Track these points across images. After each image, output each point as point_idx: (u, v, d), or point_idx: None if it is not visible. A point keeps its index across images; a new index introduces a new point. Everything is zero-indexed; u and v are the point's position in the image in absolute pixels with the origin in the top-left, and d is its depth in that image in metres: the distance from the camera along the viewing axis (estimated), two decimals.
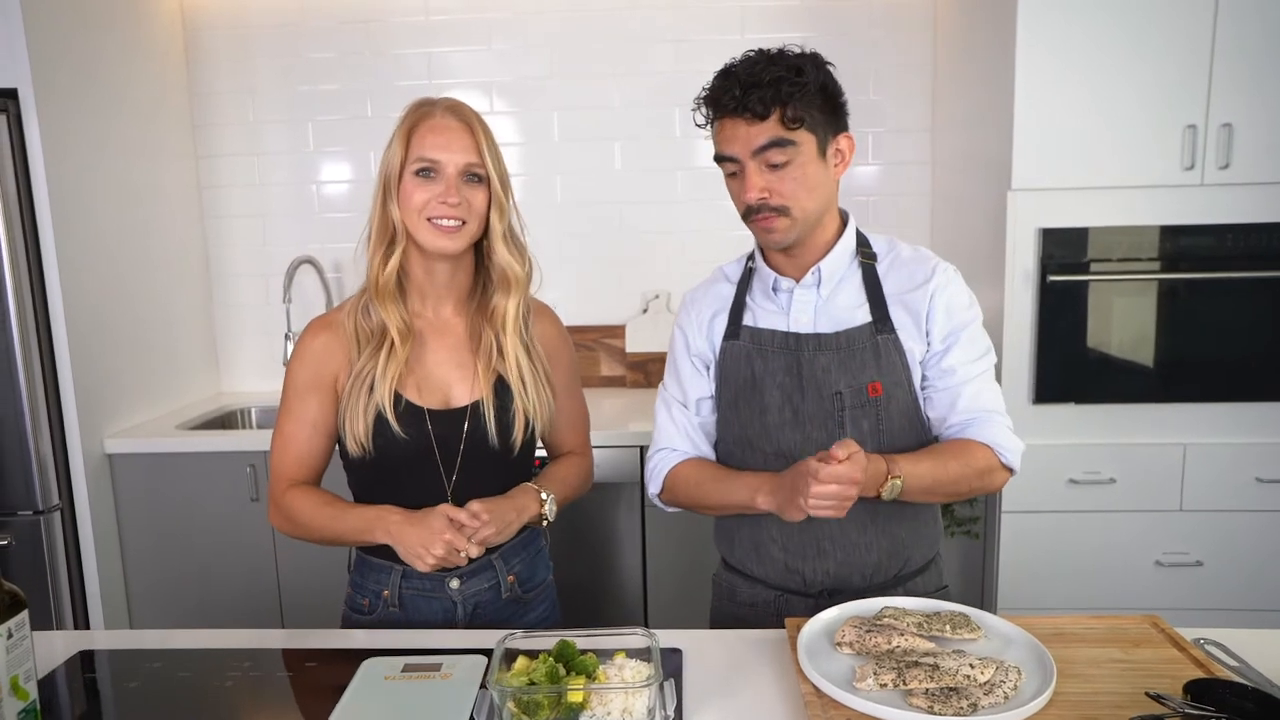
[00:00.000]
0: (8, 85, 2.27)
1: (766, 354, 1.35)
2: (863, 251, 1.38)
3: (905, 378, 1.32)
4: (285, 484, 1.37)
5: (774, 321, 1.37)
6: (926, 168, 2.93)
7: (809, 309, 1.35)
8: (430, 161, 1.29)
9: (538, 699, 0.99)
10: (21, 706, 0.97)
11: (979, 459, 1.29)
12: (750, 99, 1.20)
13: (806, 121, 1.23)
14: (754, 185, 1.24)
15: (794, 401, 1.33)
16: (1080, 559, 2.40)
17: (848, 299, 1.35)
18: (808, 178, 1.25)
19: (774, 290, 1.37)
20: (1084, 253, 2.27)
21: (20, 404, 2.32)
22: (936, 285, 1.33)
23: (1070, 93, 2.23)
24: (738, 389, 1.37)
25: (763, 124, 1.22)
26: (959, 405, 1.31)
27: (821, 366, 1.31)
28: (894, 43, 2.88)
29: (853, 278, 1.36)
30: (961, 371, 1.31)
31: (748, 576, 1.43)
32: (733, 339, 1.39)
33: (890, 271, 1.36)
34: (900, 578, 1.38)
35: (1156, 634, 1.17)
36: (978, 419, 1.31)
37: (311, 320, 1.41)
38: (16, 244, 2.29)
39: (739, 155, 1.24)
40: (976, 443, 1.30)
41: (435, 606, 1.38)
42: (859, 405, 1.31)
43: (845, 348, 1.31)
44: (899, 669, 1.02)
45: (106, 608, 2.51)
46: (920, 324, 1.32)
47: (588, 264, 3.03)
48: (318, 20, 2.94)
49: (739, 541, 1.43)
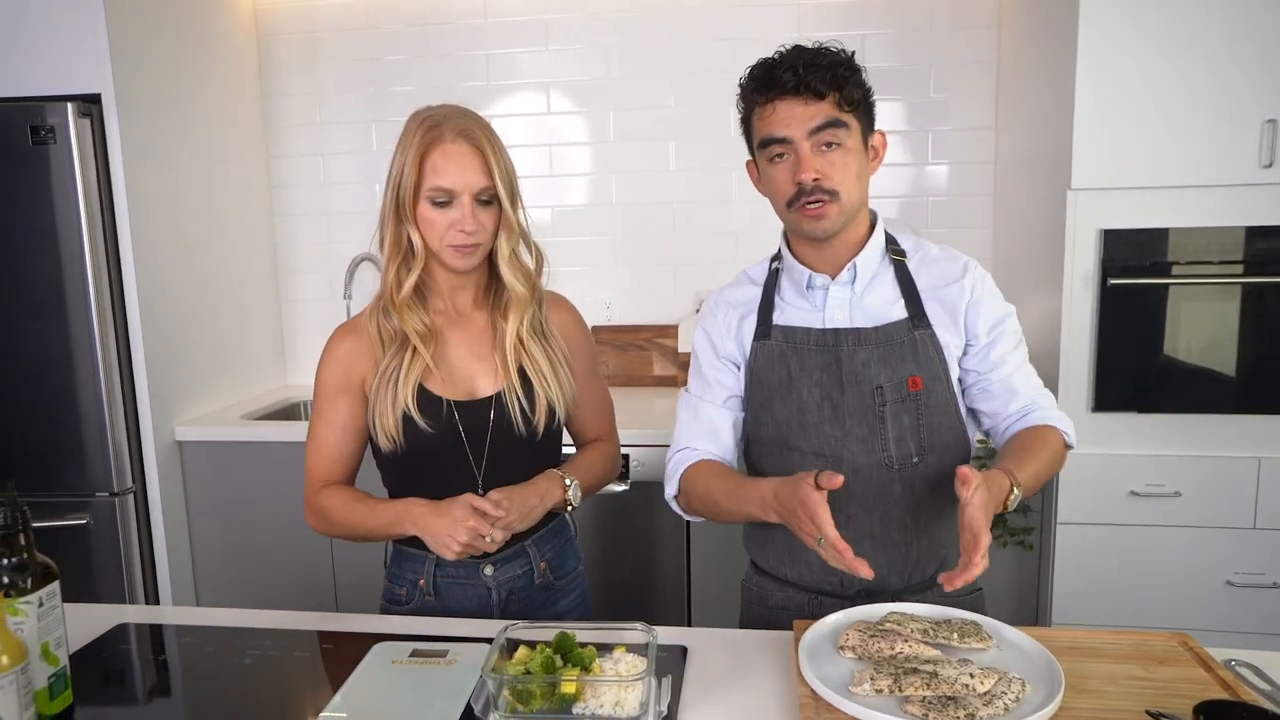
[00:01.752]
0: (92, 91, 2.41)
1: (802, 352, 1.34)
2: (892, 249, 1.37)
3: (943, 372, 1.31)
4: (319, 485, 1.42)
5: (807, 319, 1.35)
6: (989, 167, 2.85)
7: (844, 305, 1.34)
8: (446, 191, 1.31)
9: (530, 688, 1.01)
10: (52, 671, 1.04)
11: (1056, 442, 1.31)
12: (811, 77, 1.21)
13: (859, 106, 1.25)
14: (810, 165, 1.23)
15: (833, 398, 1.31)
16: (1142, 575, 2.29)
17: (881, 295, 1.34)
18: (855, 164, 1.26)
19: (807, 288, 1.36)
20: (1148, 255, 2.18)
21: (99, 392, 2.46)
22: (974, 280, 1.34)
23: (1135, 87, 2.14)
24: (772, 389, 1.36)
25: (820, 103, 1.22)
26: (1018, 394, 1.33)
27: (861, 361, 1.30)
28: (957, 39, 2.81)
29: (885, 274, 1.35)
30: (1011, 362, 1.33)
31: (780, 580, 1.41)
32: (764, 339, 1.37)
33: (921, 268, 1.36)
34: (934, 578, 1.33)
35: (1184, 653, 1.12)
36: (1036, 404, 1.33)
37: (337, 327, 1.45)
38: (97, 242, 2.43)
39: (793, 136, 1.24)
40: (1047, 427, 1.31)
41: (470, 594, 1.42)
42: (899, 400, 1.30)
43: (884, 343, 1.31)
44: (896, 675, 1.00)
45: (175, 588, 2.64)
46: (958, 319, 1.32)
47: (642, 263, 3.05)
48: (383, 25, 3.02)
49: (772, 545, 1.41)
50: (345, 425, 1.41)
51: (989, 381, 1.33)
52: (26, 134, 2.38)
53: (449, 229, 1.32)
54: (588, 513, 2.51)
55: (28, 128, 2.37)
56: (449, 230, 1.32)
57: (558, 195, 3.06)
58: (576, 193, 3.05)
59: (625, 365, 3.05)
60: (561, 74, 2.99)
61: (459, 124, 1.33)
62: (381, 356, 1.38)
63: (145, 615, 1.35)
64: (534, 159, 3.04)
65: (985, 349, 1.33)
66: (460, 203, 1.31)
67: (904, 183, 2.91)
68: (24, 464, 2.51)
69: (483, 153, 1.33)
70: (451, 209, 1.32)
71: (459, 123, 1.33)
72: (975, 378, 1.35)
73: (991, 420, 1.36)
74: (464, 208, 1.31)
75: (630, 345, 3.04)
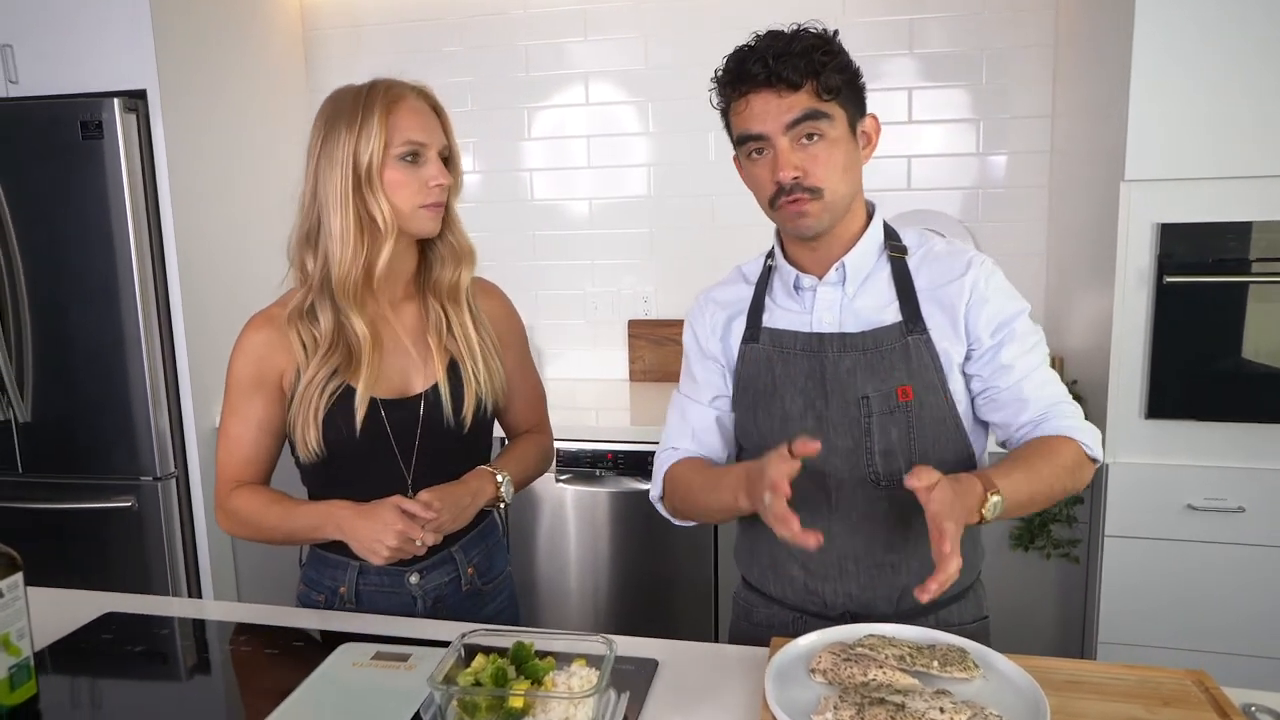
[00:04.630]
0: (138, 87, 2.48)
1: (788, 357, 1.26)
2: (891, 245, 1.27)
3: (938, 381, 1.21)
4: (231, 485, 1.35)
5: (796, 322, 1.27)
6: (1045, 157, 2.69)
7: (833, 308, 1.25)
8: (418, 144, 1.27)
9: (475, 700, 0.98)
10: (13, 662, 1.05)
11: (1066, 455, 1.17)
12: (783, 67, 1.13)
13: (840, 94, 1.16)
14: (788, 162, 1.14)
15: (817, 407, 1.23)
16: (1197, 595, 2.14)
17: (875, 296, 1.24)
18: (841, 156, 1.17)
19: (796, 288, 1.28)
20: (1209, 251, 2.02)
21: (143, 378, 2.54)
22: (975, 277, 1.22)
23: (1194, 69, 1.98)
24: (757, 395, 1.29)
25: (796, 94, 1.14)
26: (1029, 402, 1.20)
27: (846, 369, 1.22)
28: (1012, 23, 2.66)
29: (880, 273, 1.25)
30: (1021, 366, 1.20)
31: (765, 595, 1.34)
32: (752, 342, 1.30)
33: (923, 266, 1.25)
34: (932, 605, 1.25)
35: (1198, 694, 1.01)
36: (1050, 413, 1.20)
37: (253, 315, 1.37)
38: (142, 235, 2.50)
39: (769, 132, 1.15)
40: (1057, 438, 1.18)
41: (394, 602, 1.36)
42: (887, 411, 1.20)
43: (872, 349, 1.21)
44: (860, 705, 0.93)
45: (216, 576, 2.70)
46: (958, 322, 1.21)
47: (680, 257, 2.99)
48: (426, 18, 3.03)
49: (757, 557, 1.35)
50: (260, 422, 1.33)
51: (996, 389, 1.22)
52: (77, 129, 2.46)
53: (421, 187, 1.27)
54: (609, 512, 2.48)
55: (78, 123, 2.45)
56: (421, 189, 1.27)
57: (596, 187, 3.02)
58: (614, 185, 3.01)
59: (661, 360, 3.00)
60: (600, 65, 2.94)
61: (413, 85, 1.31)
62: (305, 361, 1.30)
63: (137, 605, 1.36)
64: (572, 151, 3.01)
65: (990, 352, 1.21)
66: (430, 157, 1.28)
67: (947, 173, 2.77)
68: (76, 446, 2.61)
69: (439, 113, 1.32)
70: (422, 166, 1.28)
71: (416, 84, 1.32)
72: (981, 384, 1.23)
73: (1003, 432, 1.25)
74: (435, 162, 1.28)
75: (667, 340, 2.99)
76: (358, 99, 1.28)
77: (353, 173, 1.25)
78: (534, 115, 3.02)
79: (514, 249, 3.10)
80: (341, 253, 1.27)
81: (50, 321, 2.56)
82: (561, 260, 3.09)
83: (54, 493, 2.63)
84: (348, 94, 1.30)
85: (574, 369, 3.14)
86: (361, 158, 1.25)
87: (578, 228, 3.06)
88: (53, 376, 2.58)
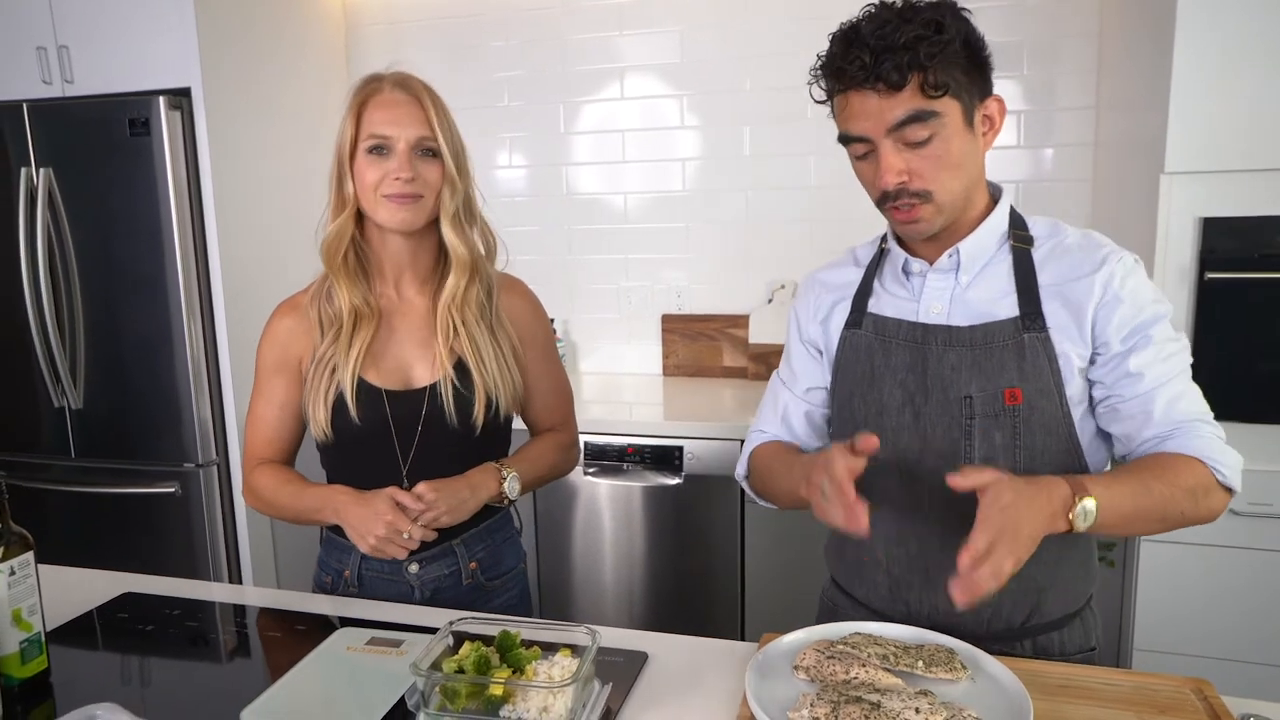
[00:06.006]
0: (182, 85, 2.55)
1: (889, 346, 1.17)
2: (1016, 234, 1.16)
3: (1054, 385, 1.10)
4: (255, 462, 1.42)
5: (902, 310, 1.19)
6: (1089, 150, 2.61)
7: (943, 297, 1.15)
8: (381, 138, 1.29)
9: (456, 687, 0.99)
10: (24, 636, 1.09)
11: (1188, 476, 1.04)
12: (883, 67, 1.02)
13: (950, 87, 1.03)
14: (891, 167, 1.06)
15: (916, 403, 1.14)
16: (1239, 603, 2.05)
17: (991, 288, 1.14)
18: (952, 154, 1.06)
19: (905, 273, 1.19)
20: (1254, 246, 1.94)
21: (186, 368, 2.62)
22: (1110, 275, 1.10)
23: (1240, 55, 1.90)
24: (854, 384, 1.21)
25: (899, 95, 1.03)
26: (1155, 416, 1.07)
27: (950, 365, 1.12)
28: (1055, 14, 2.58)
29: (1000, 263, 1.15)
30: (1152, 375, 1.08)
31: (852, 598, 1.26)
32: (854, 328, 1.22)
33: (1050, 259, 1.14)
34: (1029, 629, 1.15)
35: (1195, 701, 0.98)
36: (1180, 429, 1.07)
37: (280, 302, 1.44)
38: (185, 230, 2.58)
39: (871, 134, 1.06)
40: (1184, 456, 1.05)
41: (393, 590, 1.39)
42: (991, 414, 1.10)
43: (981, 345, 1.11)
44: (836, 703, 0.92)
45: (256, 563, 2.78)
46: (1084, 323, 1.10)
47: (714, 252, 2.97)
48: (467, 13, 3.06)
49: (845, 556, 1.28)
50: (283, 403, 1.40)
51: (1120, 399, 1.09)
52: (125, 127, 2.55)
53: (384, 179, 1.29)
54: (637, 505, 2.48)
55: (126, 121, 2.54)
56: (383, 180, 1.29)
57: (630, 181, 3.02)
58: (648, 179, 3.00)
59: (694, 355, 2.99)
60: (634, 59, 2.94)
61: (396, 76, 1.33)
62: (319, 341, 1.36)
63: (154, 586, 1.41)
64: (607, 145, 3.01)
65: (1119, 358, 1.09)
66: (396, 150, 1.29)
67: (998, 168, 2.70)
68: (124, 433, 2.71)
69: (421, 102, 1.31)
70: (388, 158, 1.29)
71: (398, 75, 1.33)
72: (1104, 392, 1.11)
73: (1123, 447, 1.13)
74: (400, 156, 1.29)
75: (700, 335, 2.98)
76: (352, 89, 1.34)
77: (337, 160, 1.33)
78: (570, 110, 3.03)
79: (551, 243, 3.12)
80: (328, 222, 1.36)
81: (100, 313, 2.66)
82: (597, 254, 3.09)
83: (103, 477, 2.73)
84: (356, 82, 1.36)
85: (609, 363, 3.15)
86: (342, 145, 1.32)
87: (613, 222, 3.06)
88: (103, 366, 2.69)
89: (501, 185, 3.12)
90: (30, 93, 2.66)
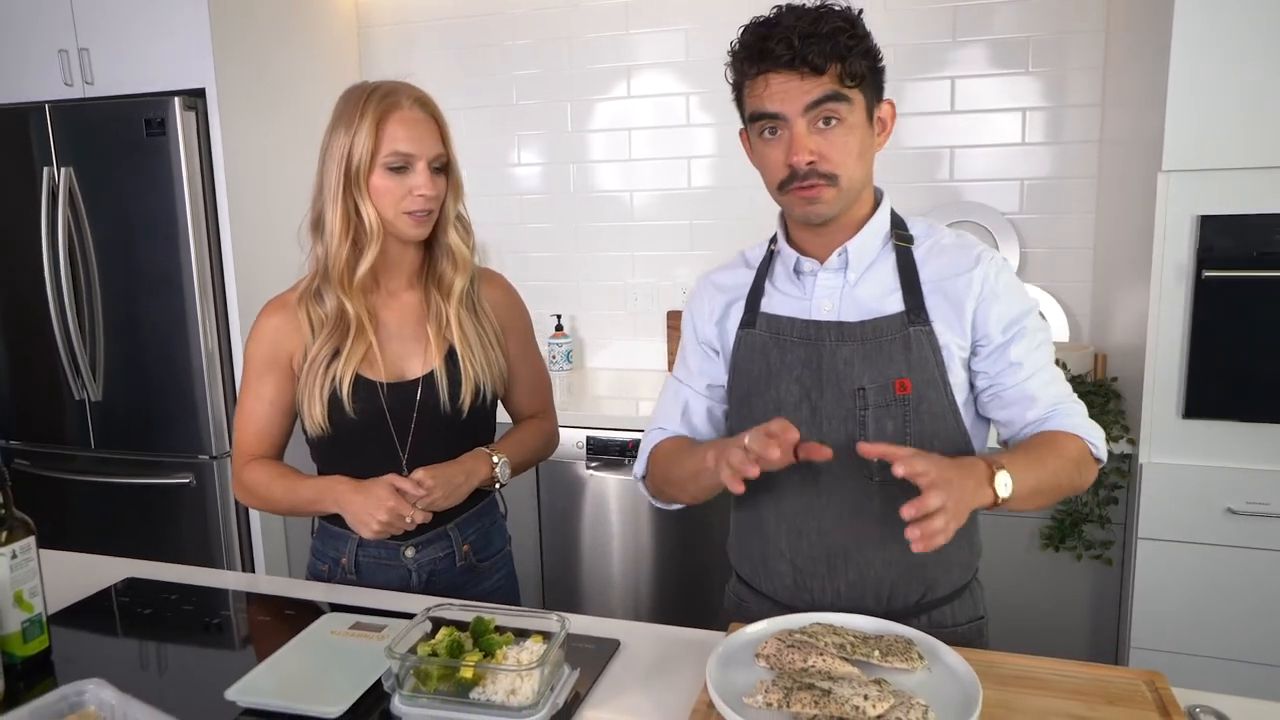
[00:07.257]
0: (197, 86, 2.62)
1: (784, 344, 1.24)
2: (898, 234, 1.24)
3: (939, 375, 1.18)
4: (245, 458, 1.45)
5: (795, 308, 1.25)
6: (1094, 147, 2.60)
7: (833, 294, 1.23)
8: (405, 156, 1.32)
9: (428, 670, 1.03)
10: (26, 617, 1.15)
11: (1071, 450, 1.16)
12: (809, 51, 1.09)
13: (861, 82, 1.13)
14: (803, 146, 1.11)
15: (812, 398, 1.21)
16: (1236, 602, 2.05)
17: (878, 285, 1.22)
18: (857, 142, 1.14)
19: (796, 273, 1.26)
20: (1252, 244, 1.93)
21: (201, 362, 2.69)
22: (986, 273, 1.19)
23: (1238, 52, 1.89)
24: (751, 382, 1.26)
25: (819, 78, 1.10)
26: (1036, 400, 1.19)
27: (843, 359, 1.19)
28: (1062, 7, 2.57)
29: (885, 262, 1.23)
30: (1030, 363, 1.19)
31: (757, 591, 1.32)
32: (749, 328, 1.28)
33: (930, 257, 1.22)
34: (923, 605, 1.23)
35: (1146, 693, 0.99)
36: (1057, 410, 1.20)
37: (268, 301, 1.46)
38: (200, 227, 2.65)
39: (786, 112, 1.12)
40: (1062, 433, 1.18)
41: (391, 575, 1.44)
42: (883, 404, 1.18)
43: (871, 339, 1.19)
44: (789, 689, 0.95)
45: (269, 556, 2.85)
46: (964, 316, 1.19)
47: (719, 248, 2.98)
48: (478, 14, 3.10)
49: (746, 552, 1.34)
50: (273, 400, 1.43)
51: (1002, 386, 1.20)
52: (142, 127, 2.62)
53: (405, 196, 1.32)
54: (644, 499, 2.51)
55: (143, 121, 2.62)
56: (405, 197, 1.32)
57: (639, 179, 3.05)
58: (657, 176, 3.03)
59: None
60: (644, 57, 2.97)
61: (413, 92, 1.35)
62: (310, 341, 1.39)
63: (157, 572, 1.47)
64: (616, 142, 3.04)
65: (1000, 349, 1.19)
66: (418, 168, 1.32)
67: (991, 164, 2.70)
68: (141, 425, 2.79)
69: (437, 120, 1.35)
70: (408, 175, 1.32)
71: (413, 90, 1.35)
72: (988, 381, 1.21)
73: (1007, 430, 1.23)
74: (422, 173, 1.32)
75: None
76: (359, 100, 1.34)
77: (345, 173, 1.32)
78: (580, 109, 3.07)
79: (561, 240, 3.16)
80: (334, 246, 1.35)
81: (118, 307, 2.74)
82: (605, 251, 3.13)
83: (121, 468, 2.82)
84: (355, 93, 1.36)
85: (615, 359, 3.18)
86: (353, 160, 1.31)
87: (622, 219, 3.09)
88: (121, 359, 2.77)
89: (513, 183, 3.17)
90: (52, 94, 2.74)
